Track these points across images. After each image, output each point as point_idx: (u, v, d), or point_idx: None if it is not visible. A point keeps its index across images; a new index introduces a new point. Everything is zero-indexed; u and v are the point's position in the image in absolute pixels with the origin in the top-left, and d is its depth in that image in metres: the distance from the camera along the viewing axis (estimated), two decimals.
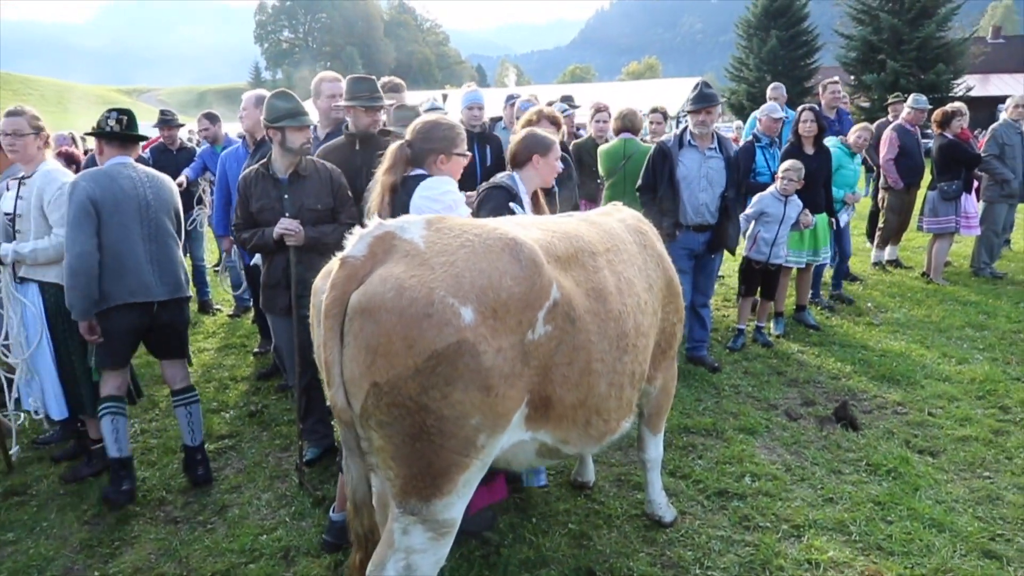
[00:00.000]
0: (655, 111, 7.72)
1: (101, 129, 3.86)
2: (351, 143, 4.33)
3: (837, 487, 3.78)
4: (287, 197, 3.94)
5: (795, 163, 5.86)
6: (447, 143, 3.17)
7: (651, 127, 7.64)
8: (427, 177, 3.13)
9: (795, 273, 6.71)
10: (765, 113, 6.81)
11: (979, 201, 8.38)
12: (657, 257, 3.06)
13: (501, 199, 3.42)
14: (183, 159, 7.50)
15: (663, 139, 5.56)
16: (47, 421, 4.19)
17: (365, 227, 2.19)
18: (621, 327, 2.60)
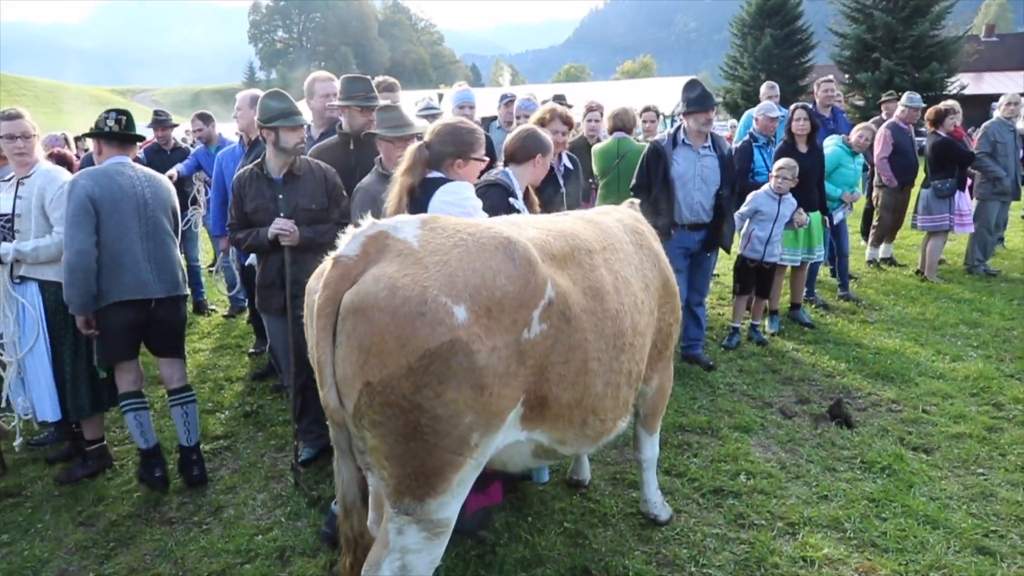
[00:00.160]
0: (648, 110, 7.71)
1: (100, 129, 3.91)
2: (345, 143, 4.34)
3: (832, 484, 3.79)
4: (281, 197, 3.94)
5: (789, 161, 5.88)
6: (466, 147, 3.14)
7: (644, 126, 7.63)
8: (445, 180, 3.09)
9: (789, 271, 6.72)
10: (762, 112, 6.83)
11: (972, 199, 8.41)
12: (654, 256, 3.06)
13: (498, 196, 3.41)
14: (177, 159, 7.47)
15: (657, 138, 5.56)
16: (35, 423, 4.17)
17: (359, 226, 2.19)
18: (618, 326, 2.59)
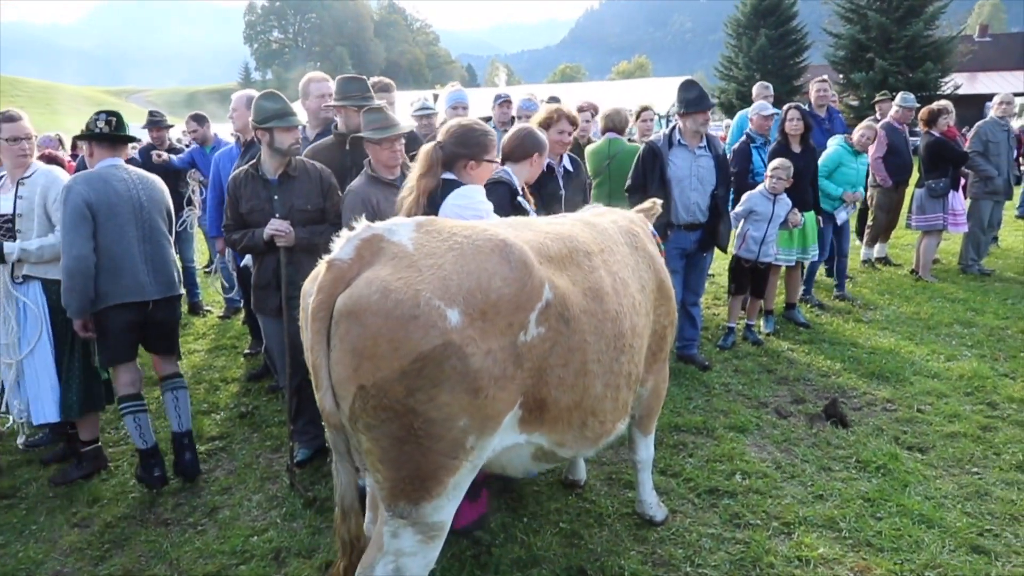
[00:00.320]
0: (646, 109, 7.72)
1: (91, 131, 3.91)
2: (341, 143, 4.33)
3: (827, 484, 3.80)
4: (277, 198, 3.94)
5: (784, 161, 5.89)
6: (480, 149, 3.11)
7: (643, 125, 7.64)
8: (457, 183, 3.08)
9: (784, 271, 6.74)
10: (755, 111, 6.84)
11: (966, 198, 8.44)
12: (649, 258, 3.05)
13: (503, 195, 3.40)
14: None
15: (652, 138, 5.57)
16: (27, 428, 4.15)
17: (353, 229, 2.18)
18: (618, 327, 2.59)
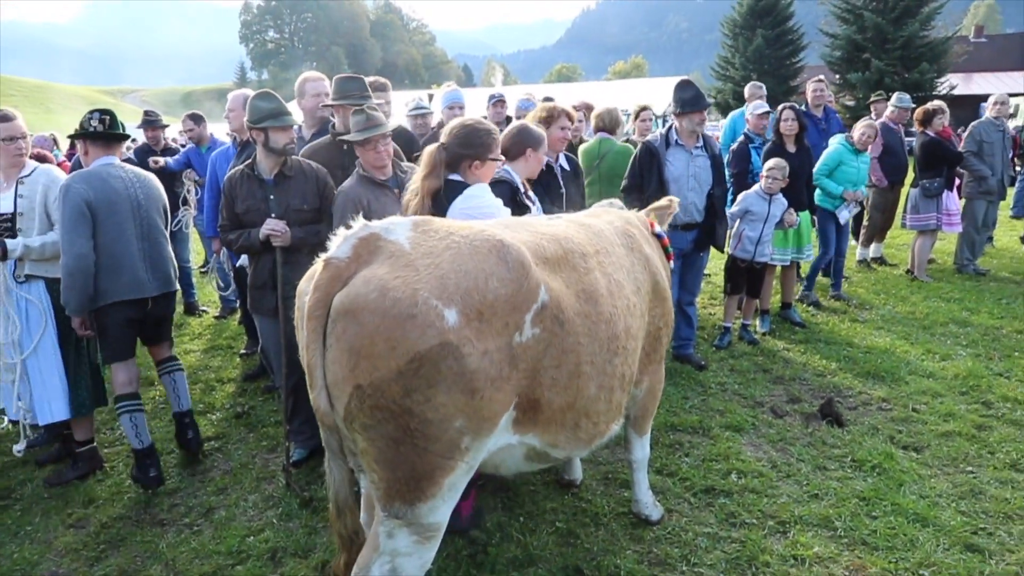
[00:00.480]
0: (645, 109, 7.73)
1: (84, 130, 3.93)
2: (338, 143, 4.32)
3: (822, 483, 3.81)
4: (273, 198, 3.94)
5: (779, 161, 5.90)
6: (484, 149, 3.13)
7: (642, 125, 7.65)
8: (463, 184, 3.09)
9: (780, 271, 6.75)
10: (751, 111, 6.86)
11: (960, 198, 8.47)
12: (644, 260, 3.05)
13: (504, 193, 3.40)
14: None
15: (649, 138, 5.57)
16: (30, 428, 4.12)
17: (350, 228, 2.18)
18: (612, 329, 2.59)
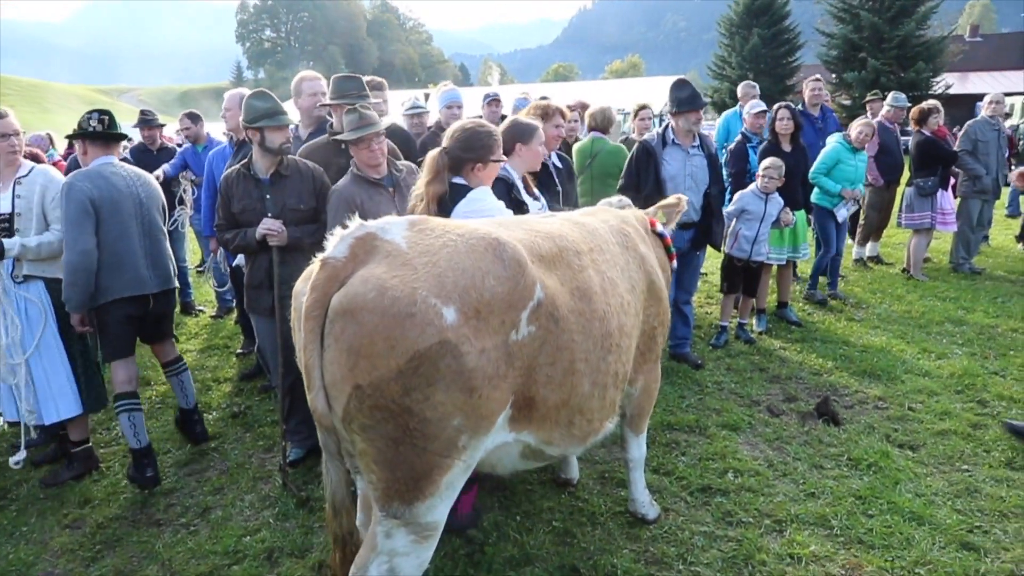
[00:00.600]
0: (643, 108, 7.74)
1: (84, 130, 3.98)
2: (336, 142, 4.31)
3: (819, 482, 3.82)
4: (269, 197, 3.93)
5: (775, 161, 5.91)
6: (486, 151, 3.15)
7: (640, 124, 7.66)
8: (467, 188, 3.12)
9: (776, 270, 6.76)
10: (747, 110, 6.87)
11: (955, 197, 8.49)
12: (639, 258, 3.05)
13: (501, 191, 3.42)
14: (163, 159, 7.43)
15: (646, 138, 5.57)
16: (33, 430, 4.09)
17: (346, 228, 2.18)
18: (606, 327, 2.59)
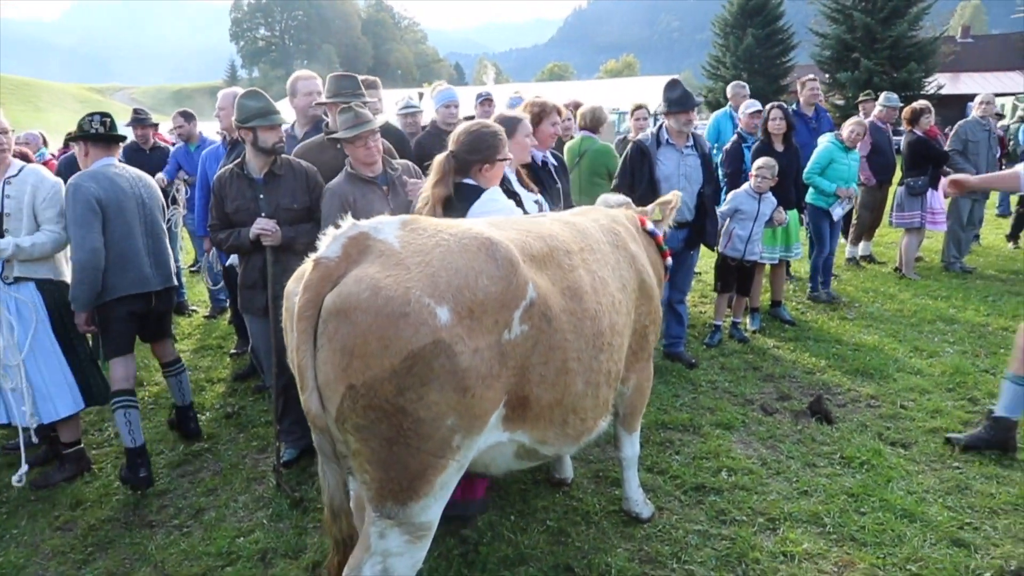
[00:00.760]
0: (639, 108, 7.75)
1: (86, 132, 4.04)
2: (332, 141, 4.30)
3: (812, 480, 3.84)
4: (263, 197, 3.92)
5: (768, 160, 5.92)
6: (492, 151, 3.18)
7: (634, 124, 7.68)
8: (476, 187, 3.16)
9: (769, 269, 6.79)
10: (743, 110, 6.89)
11: (945, 197, 8.53)
12: (630, 257, 3.06)
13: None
14: (156, 159, 7.41)
15: (640, 137, 5.58)
16: (34, 434, 4.04)
17: (339, 227, 2.18)
18: (597, 326, 2.60)
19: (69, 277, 4.14)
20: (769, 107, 6.51)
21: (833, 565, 3.14)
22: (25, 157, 5.82)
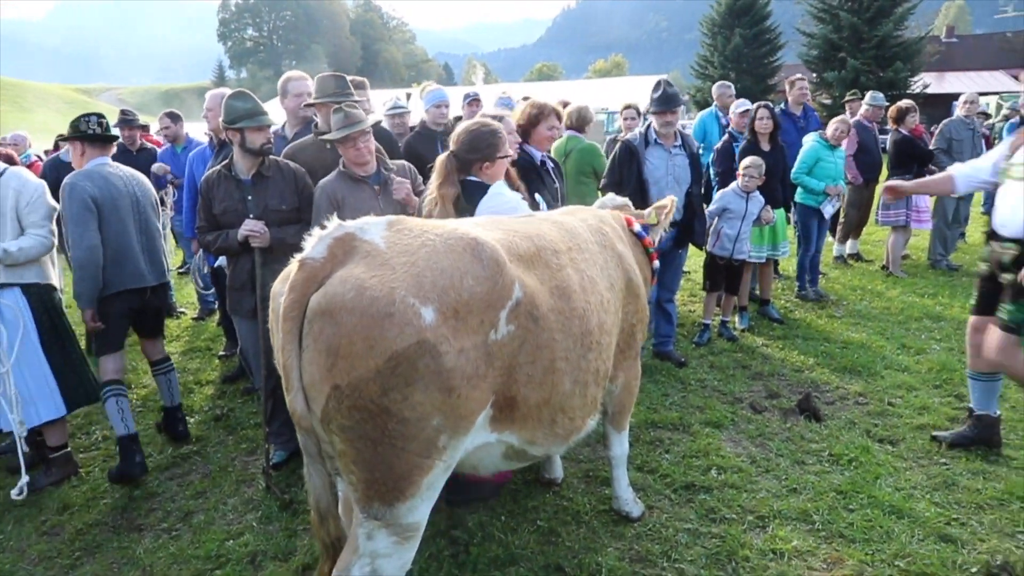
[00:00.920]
0: (628, 108, 7.77)
1: (83, 133, 4.12)
2: (321, 142, 4.28)
3: (800, 477, 3.86)
4: (251, 198, 3.91)
5: (755, 159, 5.95)
6: (492, 149, 3.27)
7: (625, 124, 7.71)
8: (481, 184, 3.26)
9: (757, 268, 6.81)
10: (734, 110, 6.93)
11: (931, 195, 8.60)
12: (617, 257, 3.07)
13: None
14: (143, 160, 7.34)
15: (628, 137, 5.60)
16: (25, 443, 3.99)
17: (324, 228, 2.17)
18: (585, 325, 2.60)
19: (55, 279, 4.12)
20: (756, 107, 6.55)
21: (822, 562, 3.15)
22: (10, 159, 5.78)
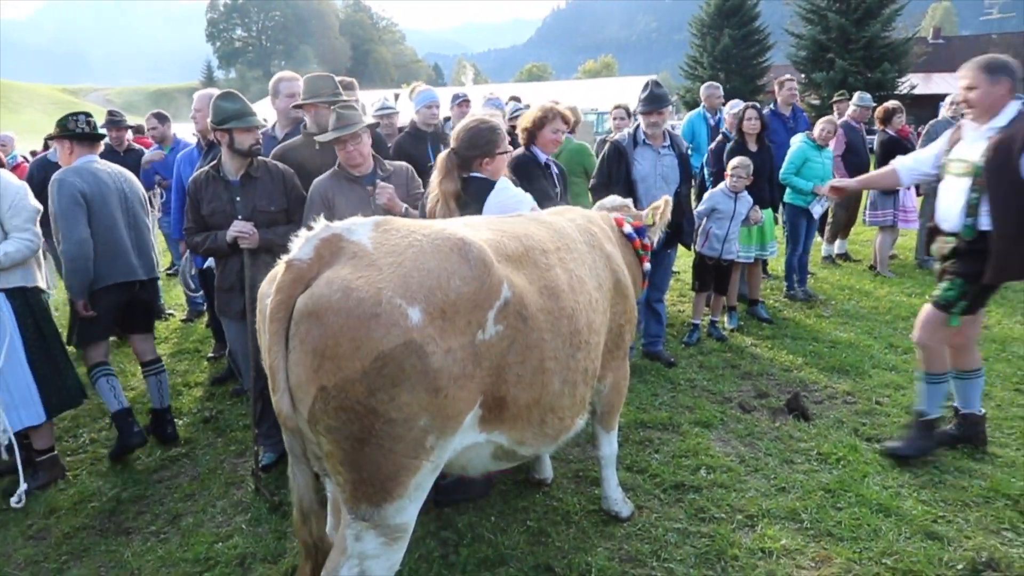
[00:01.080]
0: (617, 108, 7.79)
1: (71, 131, 4.18)
2: (311, 142, 4.27)
3: (789, 477, 3.88)
4: (239, 199, 3.89)
5: (743, 160, 5.98)
6: (491, 146, 3.32)
7: (615, 124, 7.73)
8: (483, 179, 3.32)
9: (746, 268, 6.84)
10: (728, 110, 6.97)
11: (918, 196, 8.67)
12: (605, 257, 3.08)
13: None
14: (130, 161, 7.28)
15: (617, 137, 5.61)
16: (7, 451, 3.95)
17: (311, 229, 2.17)
18: (574, 324, 2.61)
19: (42, 280, 4.08)
20: (744, 107, 6.58)
21: (810, 561, 3.17)
22: None
